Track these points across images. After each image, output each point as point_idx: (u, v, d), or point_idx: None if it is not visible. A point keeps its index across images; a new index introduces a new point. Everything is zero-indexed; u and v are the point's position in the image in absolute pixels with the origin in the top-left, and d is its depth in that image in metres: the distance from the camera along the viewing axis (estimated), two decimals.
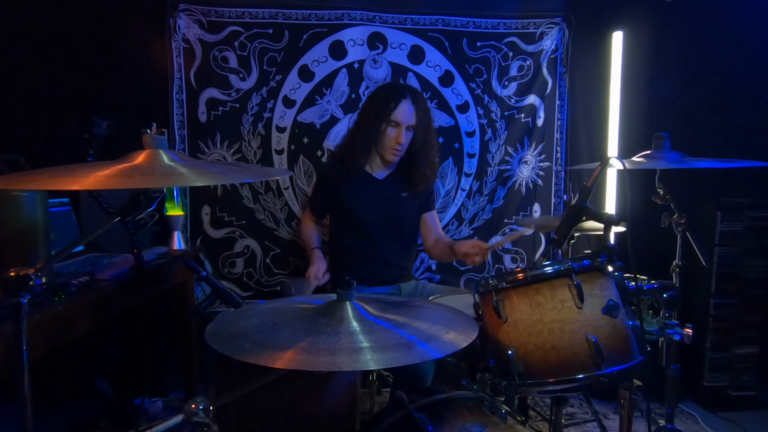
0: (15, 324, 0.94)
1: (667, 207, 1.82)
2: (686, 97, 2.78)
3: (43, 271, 0.98)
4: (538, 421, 2.37)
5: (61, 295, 1.46)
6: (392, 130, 2.15)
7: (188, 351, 2.51)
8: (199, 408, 0.94)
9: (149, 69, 2.66)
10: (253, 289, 2.88)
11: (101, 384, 2.42)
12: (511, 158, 3.04)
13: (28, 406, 0.96)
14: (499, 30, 2.94)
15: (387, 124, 2.14)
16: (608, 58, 2.98)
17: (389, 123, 2.14)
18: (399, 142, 2.15)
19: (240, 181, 2.68)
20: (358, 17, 2.80)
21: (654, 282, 1.49)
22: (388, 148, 2.17)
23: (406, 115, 2.13)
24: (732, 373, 2.60)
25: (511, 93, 2.99)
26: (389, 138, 2.15)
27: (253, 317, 1.19)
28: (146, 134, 1.08)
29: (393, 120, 2.13)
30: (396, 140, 2.14)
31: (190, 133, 2.75)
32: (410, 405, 1.15)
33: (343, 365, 0.97)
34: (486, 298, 1.36)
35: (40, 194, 1.61)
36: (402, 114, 2.12)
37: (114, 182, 0.92)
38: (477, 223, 3.06)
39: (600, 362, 1.21)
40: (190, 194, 2.76)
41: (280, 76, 2.78)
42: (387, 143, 2.16)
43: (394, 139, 2.15)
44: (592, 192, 1.41)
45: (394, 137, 2.15)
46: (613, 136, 2.99)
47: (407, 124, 2.14)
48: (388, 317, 1.15)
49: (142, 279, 1.94)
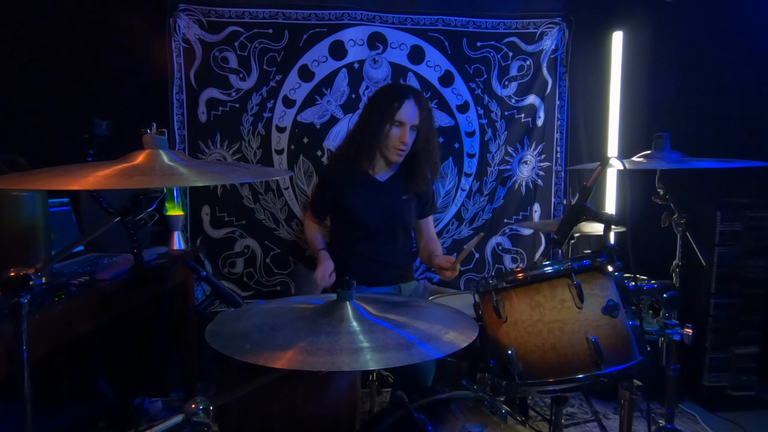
0: (15, 324, 0.94)
1: (667, 207, 1.82)
2: (686, 97, 2.78)
3: (43, 271, 0.99)
4: (538, 421, 2.37)
5: (61, 295, 1.46)
6: (396, 130, 2.13)
7: (188, 351, 2.51)
8: (199, 408, 0.94)
9: (149, 69, 2.66)
10: (253, 289, 2.88)
11: (101, 384, 2.42)
12: (511, 158, 3.04)
13: (28, 406, 0.96)
14: (499, 30, 2.94)
15: (391, 124, 2.12)
16: (608, 58, 2.98)
17: (393, 123, 2.12)
18: (404, 142, 2.13)
19: (240, 181, 2.68)
20: (358, 17, 2.80)
21: (654, 282, 1.48)
22: (392, 149, 2.16)
23: (410, 114, 2.12)
24: (732, 373, 2.60)
25: (511, 93, 3.00)
26: (393, 138, 2.14)
27: (253, 317, 1.19)
28: (146, 134, 1.08)
29: (397, 120, 2.11)
30: (401, 140, 2.13)
31: (190, 133, 2.75)
32: (410, 405, 1.15)
33: (343, 365, 0.97)
34: (486, 298, 1.36)
35: (40, 194, 1.61)
36: (406, 113, 2.11)
37: (114, 182, 0.92)
38: (477, 223, 3.06)
39: (600, 362, 1.21)
40: (190, 194, 2.76)
41: (280, 76, 2.78)
42: (391, 144, 2.15)
43: (399, 139, 2.13)
44: (592, 192, 1.41)
45: (398, 137, 2.13)
46: (613, 136, 2.99)
47: (411, 123, 2.13)
48: (388, 317, 1.15)
49: (142, 279, 1.94)
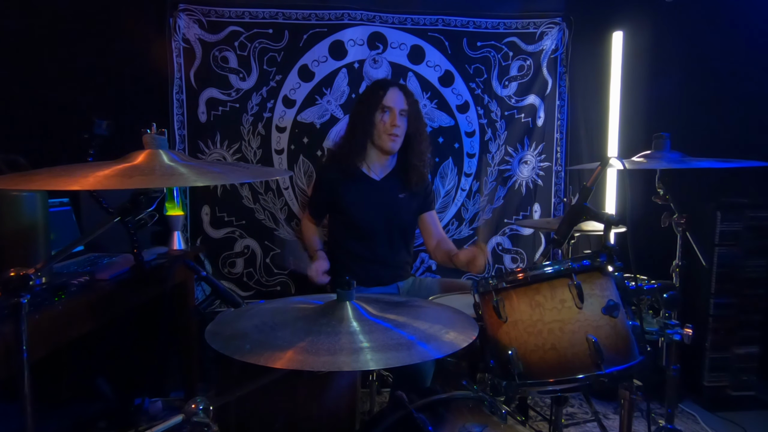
0: (15, 324, 0.94)
1: (667, 207, 1.82)
2: (686, 97, 2.78)
3: (43, 271, 0.98)
4: (538, 421, 2.37)
5: (61, 295, 1.46)
6: (386, 116, 2.18)
7: (188, 351, 2.51)
8: (199, 408, 0.94)
9: (149, 69, 2.66)
10: (253, 289, 2.88)
11: (101, 384, 2.42)
12: (511, 158, 3.04)
13: (28, 406, 0.96)
14: (499, 30, 2.94)
15: (379, 111, 2.17)
16: (608, 58, 2.98)
17: (381, 109, 2.17)
18: (395, 125, 2.17)
19: (240, 181, 2.68)
20: (358, 17, 2.80)
21: (654, 282, 1.48)
22: (384, 135, 2.19)
23: (397, 100, 2.18)
24: (732, 373, 2.60)
25: (511, 93, 3.00)
26: (384, 124, 2.18)
27: (253, 317, 1.19)
28: (146, 134, 1.08)
29: (385, 105, 2.16)
30: (391, 123, 2.17)
31: (190, 133, 2.75)
32: (410, 405, 1.15)
33: (343, 365, 0.97)
34: (486, 298, 1.36)
35: (40, 194, 1.61)
36: (392, 100, 2.17)
37: (114, 182, 0.92)
38: (477, 223, 3.06)
39: (600, 362, 1.21)
40: (190, 194, 2.76)
41: (280, 76, 2.78)
42: (383, 129, 2.18)
43: (390, 123, 2.17)
44: (592, 192, 1.41)
45: (389, 121, 2.17)
46: (613, 136, 2.99)
47: (400, 108, 2.18)
48: (388, 317, 1.15)
49: (142, 279, 1.94)
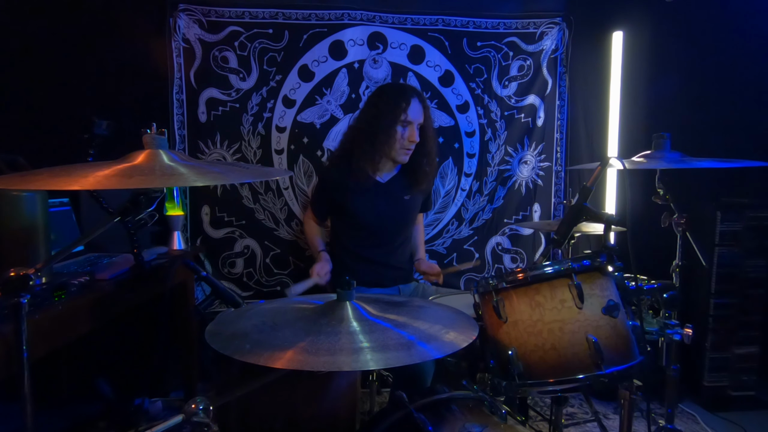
0: (15, 324, 0.94)
1: (667, 207, 1.82)
2: (686, 97, 2.78)
3: (43, 271, 0.99)
4: (538, 421, 2.37)
5: (61, 295, 1.46)
6: (405, 129, 2.13)
7: (188, 351, 2.50)
8: (199, 408, 0.94)
9: (149, 69, 2.66)
10: (253, 289, 2.88)
11: (101, 384, 2.42)
12: (511, 158, 3.04)
13: (28, 406, 0.96)
14: (499, 30, 2.94)
15: (400, 125, 2.12)
16: (608, 58, 2.98)
17: (402, 123, 2.12)
18: (413, 141, 2.14)
19: (240, 181, 2.68)
20: (358, 17, 2.80)
21: (654, 282, 1.49)
22: (401, 149, 2.16)
23: (417, 113, 2.14)
24: (732, 373, 2.60)
25: (511, 93, 3.00)
26: (402, 138, 2.13)
27: (253, 317, 1.19)
28: (146, 134, 1.08)
29: (406, 120, 2.12)
30: (410, 139, 2.13)
31: (190, 133, 2.75)
32: (410, 405, 1.15)
33: (343, 365, 0.97)
34: (486, 298, 1.36)
35: (40, 194, 1.61)
36: (413, 113, 2.12)
37: (114, 182, 0.92)
38: (477, 223, 3.06)
39: (600, 362, 1.21)
40: (190, 194, 2.76)
41: (280, 76, 2.78)
42: (400, 144, 2.14)
43: (408, 139, 2.13)
44: (592, 192, 1.41)
45: (407, 137, 2.13)
46: (613, 136, 2.99)
47: (418, 122, 2.15)
48: (388, 317, 1.15)
49: (142, 279, 1.94)
